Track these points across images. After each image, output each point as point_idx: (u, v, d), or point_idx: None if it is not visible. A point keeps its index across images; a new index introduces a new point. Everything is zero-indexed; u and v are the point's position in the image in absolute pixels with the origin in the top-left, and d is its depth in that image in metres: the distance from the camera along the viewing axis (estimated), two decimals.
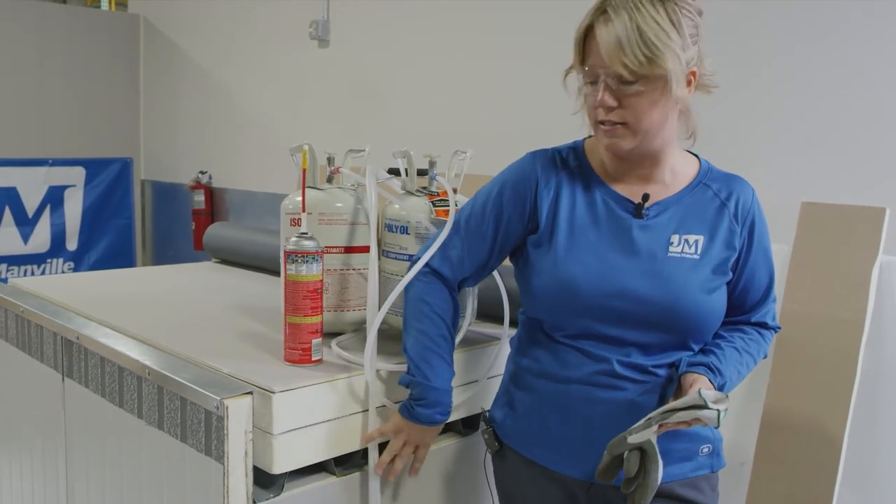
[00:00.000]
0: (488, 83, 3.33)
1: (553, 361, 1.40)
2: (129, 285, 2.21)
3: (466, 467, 1.70)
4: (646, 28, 1.21)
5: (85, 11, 6.08)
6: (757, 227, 1.39)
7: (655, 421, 1.22)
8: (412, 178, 1.67)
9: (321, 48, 4.06)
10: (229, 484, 1.30)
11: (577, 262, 1.35)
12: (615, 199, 1.38)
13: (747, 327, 1.43)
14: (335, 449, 1.46)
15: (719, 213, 1.37)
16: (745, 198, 1.39)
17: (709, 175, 1.41)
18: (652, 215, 1.36)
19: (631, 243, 1.35)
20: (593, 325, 1.34)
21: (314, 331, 1.47)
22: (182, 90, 5.33)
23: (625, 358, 1.34)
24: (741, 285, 1.40)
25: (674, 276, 1.32)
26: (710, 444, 1.41)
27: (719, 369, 1.32)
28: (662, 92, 1.25)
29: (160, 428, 1.44)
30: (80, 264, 5.16)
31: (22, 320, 1.90)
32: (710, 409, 1.18)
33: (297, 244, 1.45)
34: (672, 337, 1.34)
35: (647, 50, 1.21)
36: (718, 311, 1.36)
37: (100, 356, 1.60)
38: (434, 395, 1.42)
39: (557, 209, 1.39)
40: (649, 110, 1.27)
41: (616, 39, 1.22)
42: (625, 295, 1.32)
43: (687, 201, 1.37)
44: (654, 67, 1.22)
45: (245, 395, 1.32)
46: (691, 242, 1.34)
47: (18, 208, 4.88)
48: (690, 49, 1.26)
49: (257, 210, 4.74)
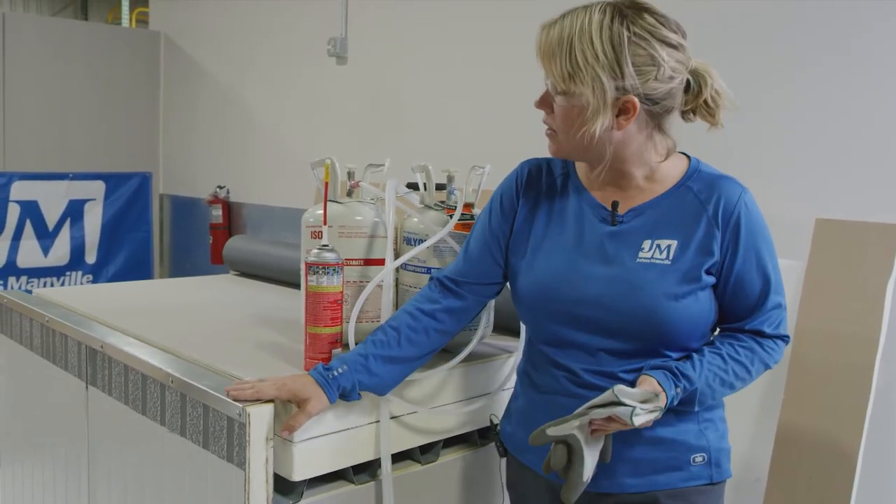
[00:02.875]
0: (507, 98, 3.36)
1: (533, 369, 1.45)
2: (151, 296, 2.25)
3: (482, 477, 1.71)
4: (577, 43, 1.23)
5: (106, 28, 6.18)
6: (744, 229, 1.31)
7: (575, 416, 1.23)
8: (430, 192, 1.70)
9: (339, 65, 4.11)
10: (250, 490, 1.32)
11: (546, 269, 1.38)
12: (592, 205, 1.39)
13: (742, 335, 1.36)
14: (353, 457, 1.48)
15: (696, 217, 1.32)
16: (728, 199, 1.32)
17: (694, 177, 1.36)
18: (626, 221, 1.35)
19: (602, 250, 1.35)
20: (563, 331, 1.36)
21: (334, 341, 1.50)
22: (201, 106, 5.40)
23: (593, 366, 1.34)
24: (729, 292, 1.34)
25: (640, 283, 1.30)
26: (705, 453, 1.36)
27: (685, 374, 1.28)
28: (580, 112, 1.26)
29: (183, 435, 1.47)
30: (99, 277, 5.21)
31: (47, 330, 1.94)
32: (625, 405, 1.18)
33: (318, 256, 1.48)
34: (642, 344, 1.32)
35: (569, 65, 1.23)
36: (690, 318, 1.31)
37: (124, 364, 1.64)
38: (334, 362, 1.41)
39: (534, 217, 1.43)
40: (568, 126, 1.29)
41: (549, 46, 1.27)
42: (590, 301, 1.32)
43: (664, 205, 1.34)
44: (572, 85, 1.24)
45: (267, 403, 1.34)
46: (663, 248, 1.31)
47: (39, 221, 4.94)
48: (631, 78, 1.23)
49: (274, 224, 4.79)
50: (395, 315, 1.50)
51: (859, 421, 2.01)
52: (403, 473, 1.56)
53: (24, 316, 2.06)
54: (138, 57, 5.63)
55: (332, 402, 1.38)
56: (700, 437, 1.36)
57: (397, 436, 1.54)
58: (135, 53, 5.62)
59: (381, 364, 1.43)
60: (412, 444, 1.58)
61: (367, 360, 1.42)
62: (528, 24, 3.46)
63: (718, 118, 1.34)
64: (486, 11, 3.42)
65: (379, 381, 1.43)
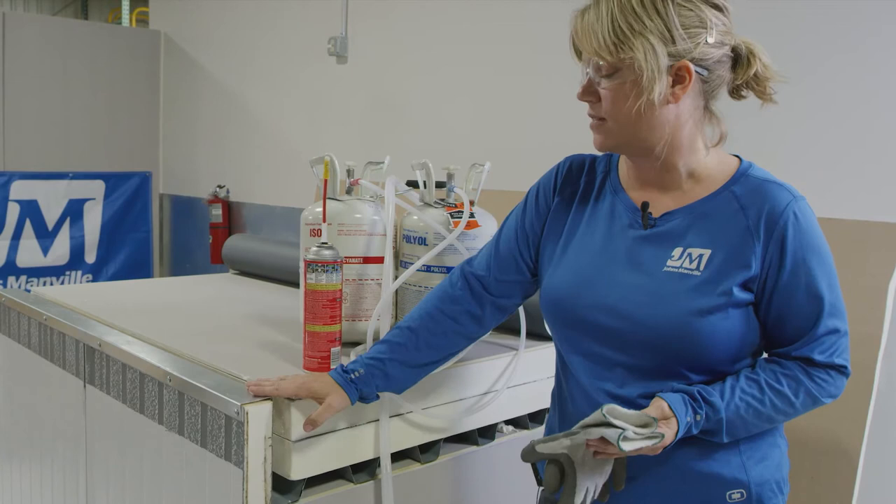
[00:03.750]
0: (506, 98, 3.36)
1: (557, 385, 1.40)
2: (150, 295, 2.24)
3: (482, 476, 1.70)
4: (619, 14, 1.15)
5: (107, 28, 6.17)
6: (791, 242, 1.17)
7: (566, 434, 1.14)
8: (430, 189, 1.69)
9: (339, 64, 4.10)
10: (248, 489, 1.31)
11: (570, 271, 1.30)
12: (626, 207, 1.29)
13: (788, 362, 1.21)
14: (352, 456, 1.47)
15: (735, 225, 1.19)
16: (773, 207, 1.18)
17: (740, 180, 1.23)
18: (658, 225, 1.25)
19: (629, 255, 1.25)
20: (581, 340, 1.28)
21: (333, 339, 1.49)
22: (201, 105, 5.40)
23: (609, 386, 1.24)
24: (773, 313, 1.19)
25: (663, 293, 1.19)
26: (743, 489, 1.21)
27: (708, 400, 1.16)
28: (634, 85, 1.16)
29: (180, 433, 1.46)
30: (99, 276, 5.21)
31: (45, 328, 1.93)
32: (614, 427, 1.09)
33: (317, 254, 1.47)
34: (661, 362, 1.20)
35: (614, 35, 1.14)
36: (717, 336, 1.17)
37: (121, 363, 1.63)
38: (350, 365, 1.40)
39: (567, 216, 1.36)
40: (621, 104, 1.18)
41: (589, 26, 1.17)
42: (608, 308, 1.23)
43: (702, 210, 1.22)
44: (622, 54, 1.15)
45: (265, 402, 1.33)
46: (694, 257, 1.19)
47: (39, 221, 4.94)
48: (683, 42, 1.15)
49: (274, 224, 4.78)
50: (416, 314, 1.45)
51: (861, 419, 2.00)
52: (403, 472, 1.55)
53: (22, 314, 2.05)
54: (138, 56, 5.63)
55: (353, 402, 1.37)
56: (739, 470, 1.22)
57: (397, 435, 1.53)
58: (135, 53, 5.61)
59: (399, 368, 1.41)
60: (412, 444, 1.57)
61: (385, 365, 1.39)
62: (529, 23, 3.46)
63: (769, 92, 1.24)
64: (486, 11, 3.41)
65: (397, 384, 1.42)
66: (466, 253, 1.60)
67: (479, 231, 1.64)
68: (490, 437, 1.71)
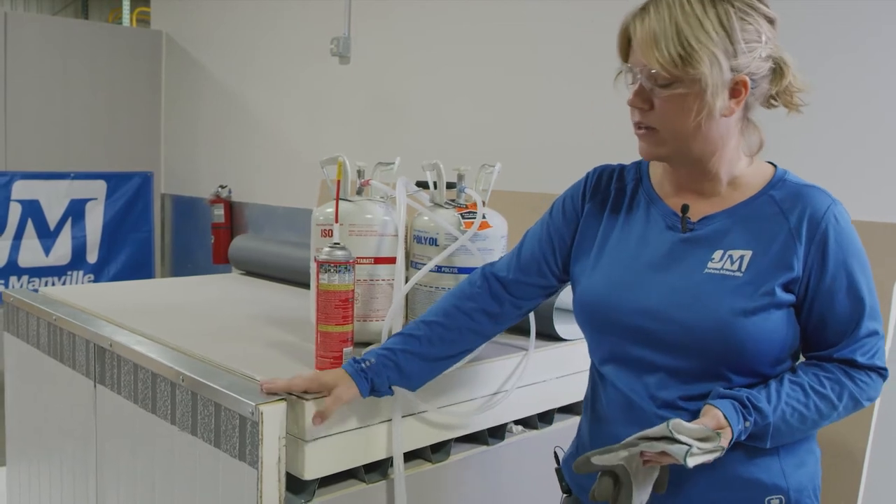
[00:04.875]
0: (506, 98, 3.36)
1: (591, 394, 1.39)
2: (157, 295, 2.25)
3: (493, 476, 1.71)
4: (684, 25, 1.13)
5: (108, 28, 6.18)
6: (832, 244, 1.18)
7: (624, 446, 1.13)
8: (441, 190, 1.70)
9: (342, 64, 4.11)
10: (262, 489, 1.32)
11: (606, 277, 1.30)
12: (663, 213, 1.29)
13: (830, 365, 1.21)
14: (364, 456, 1.48)
15: (776, 227, 1.20)
16: (814, 210, 1.19)
17: (778, 185, 1.24)
18: (697, 228, 1.25)
19: (668, 258, 1.25)
20: (621, 345, 1.27)
21: (345, 339, 1.49)
22: (203, 105, 5.40)
23: (651, 390, 1.24)
24: (815, 315, 1.20)
25: (705, 295, 1.19)
26: (783, 495, 1.21)
27: (757, 406, 1.15)
28: (697, 98, 1.15)
29: (193, 433, 1.47)
30: (100, 277, 5.21)
31: (54, 328, 1.93)
32: (679, 442, 1.08)
33: (329, 254, 1.47)
34: (703, 364, 1.20)
35: (681, 48, 1.12)
36: (760, 338, 1.17)
37: (133, 363, 1.63)
38: (364, 355, 1.41)
39: (599, 224, 1.36)
40: (680, 117, 1.17)
41: (651, 34, 1.15)
42: (650, 311, 1.23)
43: (742, 213, 1.23)
44: (688, 68, 1.13)
45: (279, 402, 1.34)
46: (735, 258, 1.19)
47: (41, 221, 4.94)
48: (743, 56, 1.15)
49: (276, 224, 4.79)
50: (432, 309, 1.47)
51: (866, 421, 2.01)
52: (414, 472, 1.56)
53: (31, 315, 2.06)
54: (140, 56, 5.63)
55: (364, 394, 1.37)
56: (779, 476, 1.21)
57: (409, 434, 1.53)
58: (136, 53, 5.61)
59: (412, 360, 1.41)
60: (423, 443, 1.58)
61: (397, 356, 1.40)
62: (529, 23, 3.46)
63: (796, 102, 1.24)
64: (489, 10, 3.42)
65: (409, 378, 1.42)
66: (478, 254, 1.61)
67: (490, 232, 1.65)
68: (500, 437, 1.72)
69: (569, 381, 1.84)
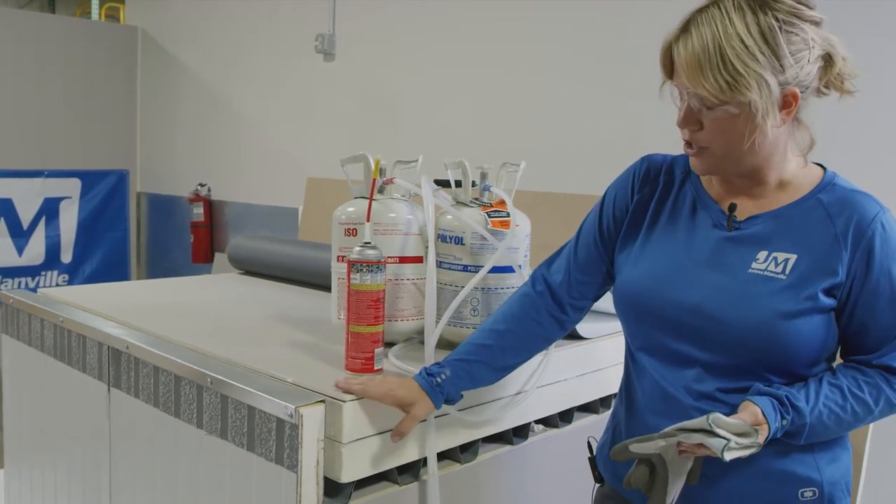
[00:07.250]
0: (499, 96, 3.36)
1: (627, 383, 1.41)
2: (162, 296, 2.20)
3: (519, 475, 1.71)
4: (728, 49, 1.11)
5: (81, 23, 6.05)
6: (878, 252, 1.17)
7: (662, 435, 1.14)
8: (466, 188, 1.69)
9: (327, 62, 4.07)
10: (302, 493, 1.30)
11: (650, 268, 1.31)
12: (709, 209, 1.29)
13: (868, 369, 1.22)
14: (398, 458, 1.46)
15: (822, 232, 1.20)
16: (862, 217, 1.18)
17: (826, 189, 1.24)
18: (743, 228, 1.25)
19: (713, 255, 1.25)
20: (660, 336, 1.28)
21: (376, 340, 1.48)
22: (181, 103, 5.32)
23: (689, 383, 1.25)
24: (856, 322, 1.20)
25: (748, 295, 1.20)
26: (816, 487, 1.22)
27: (795, 405, 1.16)
28: (748, 120, 1.15)
29: (223, 437, 1.44)
30: (75, 277, 5.11)
31: (61, 330, 1.88)
32: (718, 436, 1.09)
33: (361, 254, 1.45)
34: (742, 362, 1.21)
35: (728, 74, 1.11)
36: (800, 340, 1.18)
37: (153, 366, 1.59)
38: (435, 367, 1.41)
39: (645, 215, 1.36)
40: (733, 138, 1.17)
41: (696, 60, 1.13)
42: (692, 307, 1.23)
43: (788, 216, 1.23)
44: (737, 94, 1.12)
45: (318, 404, 1.32)
46: (780, 261, 1.20)
47: (13, 220, 4.84)
48: (791, 68, 1.13)
49: (257, 223, 4.73)
50: (500, 317, 1.47)
51: None
52: (445, 473, 1.55)
53: (33, 316, 2.00)
54: (115, 52, 5.52)
55: (438, 407, 1.39)
56: (813, 469, 1.23)
57: (439, 435, 1.52)
58: (111, 49, 5.51)
59: (484, 370, 1.43)
60: (454, 444, 1.57)
61: (472, 367, 1.41)
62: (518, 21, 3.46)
63: (848, 88, 1.22)
64: (475, 7, 3.41)
65: (476, 385, 1.45)
66: (506, 252, 1.60)
67: (518, 231, 1.64)
68: (524, 437, 1.71)
69: (589, 380, 1.84)
